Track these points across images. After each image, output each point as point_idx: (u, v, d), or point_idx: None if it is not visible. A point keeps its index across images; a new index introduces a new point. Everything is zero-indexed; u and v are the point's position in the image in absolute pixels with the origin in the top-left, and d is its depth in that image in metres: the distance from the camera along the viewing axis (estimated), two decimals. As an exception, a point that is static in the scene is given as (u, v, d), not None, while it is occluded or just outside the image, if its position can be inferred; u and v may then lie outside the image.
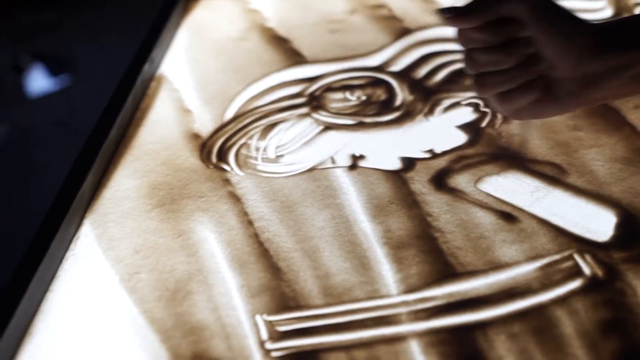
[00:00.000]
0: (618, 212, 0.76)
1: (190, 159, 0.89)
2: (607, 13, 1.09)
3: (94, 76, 2.14)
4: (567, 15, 0.65)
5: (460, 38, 0.66)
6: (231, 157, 0.88)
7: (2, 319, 0.68)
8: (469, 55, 0.66)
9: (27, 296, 0.70)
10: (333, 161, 0.87)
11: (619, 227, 0.75)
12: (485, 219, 0.77)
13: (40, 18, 2.82)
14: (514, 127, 0.88)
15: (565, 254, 0.73)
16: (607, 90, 0.66)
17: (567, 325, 0.66)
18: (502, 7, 0.64)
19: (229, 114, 0.95)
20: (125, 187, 0.85)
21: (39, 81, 2.62)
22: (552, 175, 0.81)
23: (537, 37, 0.64)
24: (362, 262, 0.74)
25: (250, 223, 0.79)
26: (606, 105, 0.89)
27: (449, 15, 0.65)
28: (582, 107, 0.70)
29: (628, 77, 0.65)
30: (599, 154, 0.84)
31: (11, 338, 0.67)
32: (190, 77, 1.03)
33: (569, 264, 0.72)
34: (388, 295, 0.70)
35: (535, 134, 0.86)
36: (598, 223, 0.75)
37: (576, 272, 0.71)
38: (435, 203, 0.80)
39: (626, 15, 1.08)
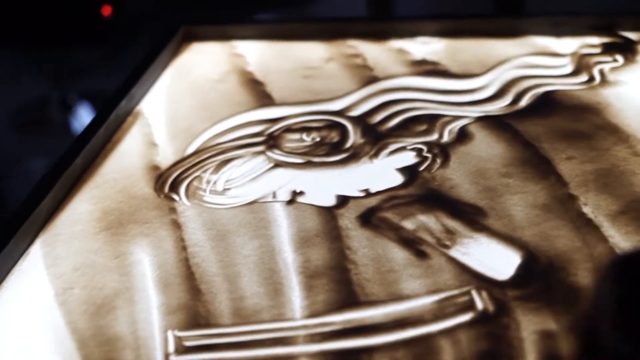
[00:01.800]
0: (523, 254, 0.81)
1: (145, 188, 0.95)
2: (568, 69, 1.14)
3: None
4: None
5: None
6: (182, 188, 0.95)
7: (-63, 320, 0.74)
8: None
9: (-35, 302, 0.77)
10: (274, 196, 0.92)
11: (521, 267, 0.79)
12: (399, 254, 0.82)
13: (87, 56, 2.94)
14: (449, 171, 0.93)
15: (464, 289, 0.77)
16: None
17: (447, 353, 0.70)
18: None
19: (191, 149, 1.02)
20: (79, 211, 0.92)
21: (84, 119, 2.73)
22: (472, 217, 0.86)
23: None
24: (275, 288, 0.79)
25: (184, 248, 0.85)
26: (539, 155, 0.94)
27: None
28: None
29: None
30: (521, 200, 0.88)
31: (-56, 338, 0.74)
32: (164, 113, 1.10)
33: (465, 299, 0.76)
34: (291, 319, 0.75)
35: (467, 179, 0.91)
36: (502, 263, 0.80)
37: (469, 306, 0.75)
38: (357, 238, 0.85)
39: (585, 73, 1.12)
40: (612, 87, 1.08)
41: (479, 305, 0.75)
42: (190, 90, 1.15)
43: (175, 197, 0.93)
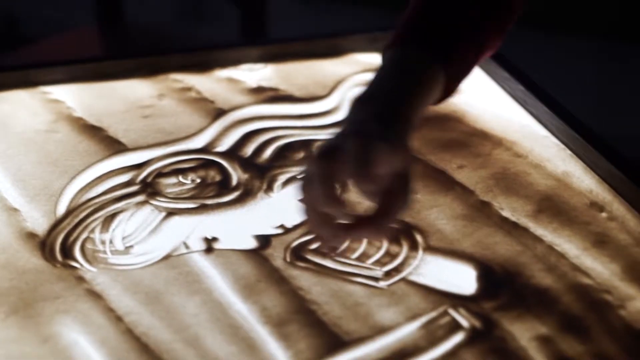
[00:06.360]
0: (475, 265, 0.81)
1: (32, 259, 0.84)
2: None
3: None
4: None
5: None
6: (77, 253, 0.84)
7: None
8: None
9: None
10: (187, 246, 0.85)
11: (481, 279, 0.80)
12: (355, 287, 0.79)
13: None
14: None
15: (440, 310, 0.76)
16: None
17: (463, 377, 0.69)
18: None
19: (61, 209, 0.91)
20: (-33, 297, 0.79)
21: None
22: (404, 236, 0.85)
23: None
24: (248, 344, 0.73)
25: (119, 319, 0.76)
26: (434, 167, 0.95)
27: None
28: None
29: None
30: (440, 213, 0.89)
31: None
32: (5, 174, 0.97)
33: (447, 319, 0.75)
34: (285, 373, 0.70)
35: None
36: (460, 278, 0.80)
37: (455, 326, 0.74)
38: (302, 276, 0.81)
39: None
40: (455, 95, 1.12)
41: (464, 322, 0.74)
42: (22, 144, 1.03)
43: (74, 264, 0.83)
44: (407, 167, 0.73)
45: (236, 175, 0.96)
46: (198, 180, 0.95)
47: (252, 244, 0.85)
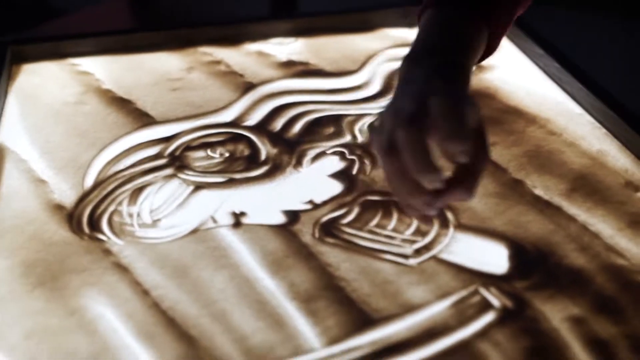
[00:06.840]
0: (507, 244, 0.80)
1: (59, 231, 0.83)
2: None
3: None
4: None
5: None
6: (105, 226, 0.84)
7: None
8: None
9: None
10: (214, 220, 0.84)
11: (512, 258, 0.78)
12: (384, 264, 0.78)
13: None
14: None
15: (471, 289, 0.75)
16: None
17: (494, 357, 0.68)
18: None
19: (89, 181, 0.90)
20: (-5, 268, 0.78)
21: None
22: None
23: None
24: (275, 320, 0.72)
25: (145, 293, 0.75)
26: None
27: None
28: None
29: None
30: (472, 191, 0.87)
31: None
32: (33, 145, 0.97)
33: (477, 298, 0.74)
34: (312, 350, 0.69)
35: None
36: (492, 256, 0.78)
37: (486, 305, 0.73)
38: (331, 253, 0.80)
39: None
40: (488, 72, 1.11)
41: (495, 302, 0.73)
42: (51, 116, 1.03)
43: (101, 237, 0.82)
44: (481, 120, 0.70)
45: (265, 149, 0.95)
46: (226, 154, 0.94)
47: (281, 219, 0.84)
